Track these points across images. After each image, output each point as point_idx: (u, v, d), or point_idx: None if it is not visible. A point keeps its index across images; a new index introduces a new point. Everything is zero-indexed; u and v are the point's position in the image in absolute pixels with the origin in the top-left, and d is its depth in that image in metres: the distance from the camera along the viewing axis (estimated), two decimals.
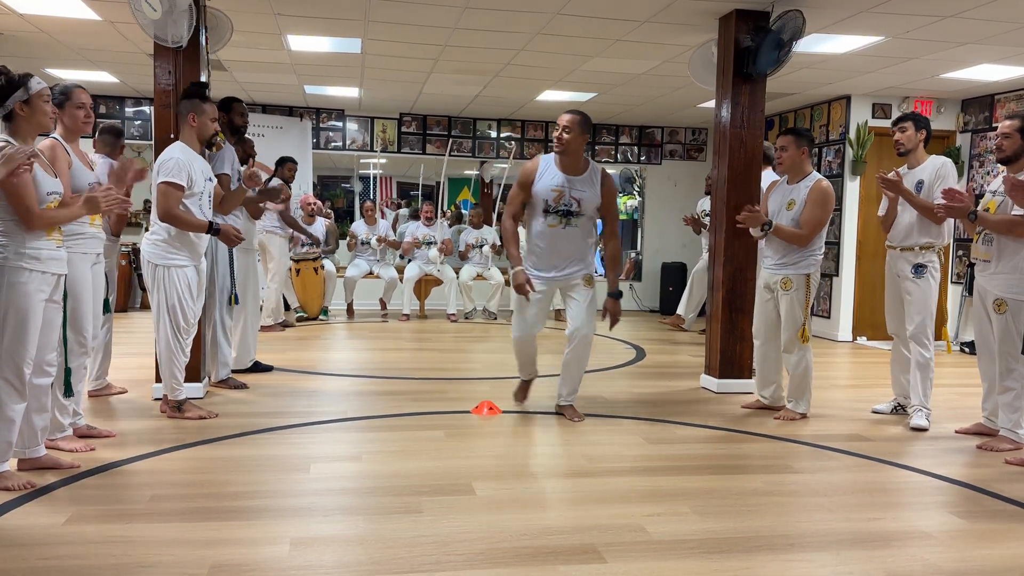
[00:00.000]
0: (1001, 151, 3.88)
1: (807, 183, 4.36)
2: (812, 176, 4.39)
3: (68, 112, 3.46)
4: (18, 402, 2.93)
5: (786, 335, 4.42)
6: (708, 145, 10.34)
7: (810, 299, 4.38)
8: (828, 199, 4.30)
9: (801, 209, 4.33)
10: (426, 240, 8.87)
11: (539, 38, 5.96)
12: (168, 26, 4.36)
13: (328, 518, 2.82)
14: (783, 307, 4.42)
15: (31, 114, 2.94)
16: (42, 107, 2.98)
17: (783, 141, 4.41)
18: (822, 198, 4.28)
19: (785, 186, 4.48)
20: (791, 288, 4.37)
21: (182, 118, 4.08)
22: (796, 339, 4.38)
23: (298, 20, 5.70)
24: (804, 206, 4.31)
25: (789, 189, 4.44)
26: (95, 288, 3.55)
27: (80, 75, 7.80)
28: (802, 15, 4.79)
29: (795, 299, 4.37)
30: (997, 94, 7.42)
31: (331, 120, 9.58)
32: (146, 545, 2.53)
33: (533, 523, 2.80)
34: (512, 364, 4.78)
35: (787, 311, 4.40)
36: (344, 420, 4.24)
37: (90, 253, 3.51)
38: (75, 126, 3.48)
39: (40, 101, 2.97)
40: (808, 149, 4.40)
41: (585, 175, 4.22)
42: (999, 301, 3.86)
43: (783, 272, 4.41)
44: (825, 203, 4.29)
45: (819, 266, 4.42)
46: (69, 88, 3.50)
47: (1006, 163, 3.89)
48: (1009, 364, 3.87)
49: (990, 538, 2.80)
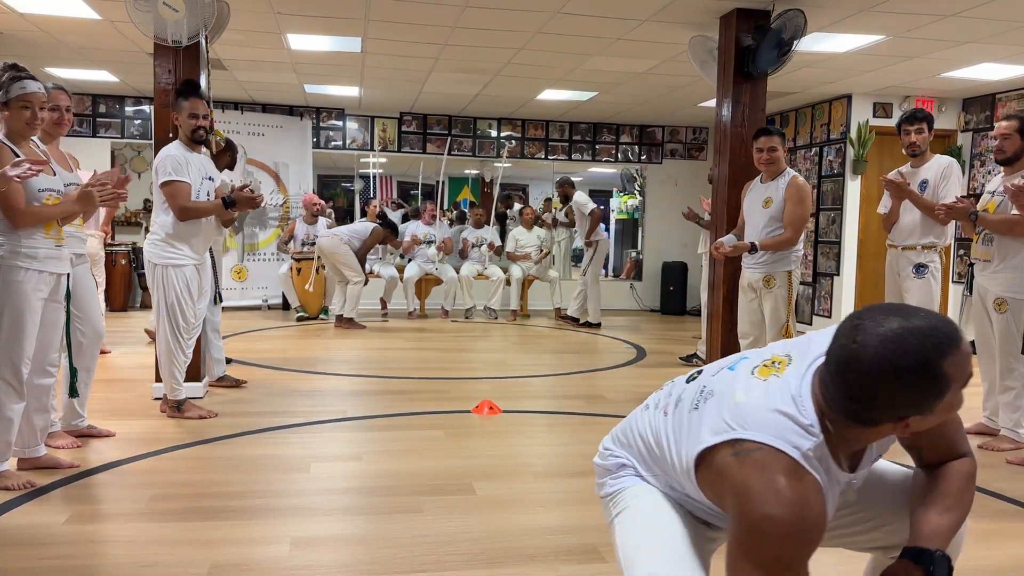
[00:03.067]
0: (1002, 152, 3.88)
1: (783, 181, 4.33)
2: (787, 173, 4.36)
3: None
4: (17, 402, 2.92)
5: (771, 334, 4.41)
6: (709, 144, 10.33)
7: (793, 296, 4.36)
8: (806, 195, 4.32)
9: (779, 207, 4.30)
10: (426, 239, 8.88)
11: (539, 37, 5.96)
12: (186, 25, 4.34)
13: (328, 518, 2.82)
14: (767, 306, 4.39)
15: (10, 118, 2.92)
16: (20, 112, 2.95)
17: (772, 142, 4.37)
18: (799, 195, 4.29)
19: (759, 184, 4.47)
20: (774, 286, 4.35)
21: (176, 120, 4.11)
22: (781, 337, 4.37)
23: (298, 19, 5.70)
24: (784, 204, 4.29)
25: (764, 187, 4.42)
26: (86, 287, 3.54)
27: (80, 74, 7.80)
28: (803, 14, 4.78)
29: (778, 296, 4.34)
30: (998, 93, 7.41)
31: (331, 119, 9.58)
32: (146, 545, 2.53)
33: (533, 523, 2.80)
34: (512, 364, 4.77)
35: (771, 309, 4.38)
36: (344, 420, 4.23)
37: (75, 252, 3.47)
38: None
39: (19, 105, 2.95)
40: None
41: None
42: (999, 300, 3.86)
43: (765, 270, 4.39)
44: (803, 199, 4.30)
45: (800, 262, 4.41)
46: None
47: (1006, 164, 3.90)
48: (1009, 363, 3.87)
49: (990, 538, 2.79)
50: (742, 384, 1.43)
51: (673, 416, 1.54)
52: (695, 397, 1.50)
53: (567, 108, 9.19)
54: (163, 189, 3.91)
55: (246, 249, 8.83)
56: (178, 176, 3.90)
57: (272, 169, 8.98)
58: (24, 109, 2.91)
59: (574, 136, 10.17)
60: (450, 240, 8.87)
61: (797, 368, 1.41)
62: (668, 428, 1.54)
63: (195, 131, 4.03)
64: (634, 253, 11.18)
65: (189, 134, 4.05)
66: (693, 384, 1.56)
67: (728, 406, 1.40)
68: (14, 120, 2.92)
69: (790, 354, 1.45)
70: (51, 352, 3.10)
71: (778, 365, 1.44)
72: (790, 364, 1.43)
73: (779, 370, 1.42)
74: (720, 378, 1.49)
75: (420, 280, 8.86)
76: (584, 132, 10.18)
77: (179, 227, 3.97)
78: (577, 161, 10.35)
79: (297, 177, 9.13)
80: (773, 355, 1.48)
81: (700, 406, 1.47)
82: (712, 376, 1.52)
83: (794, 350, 1.46)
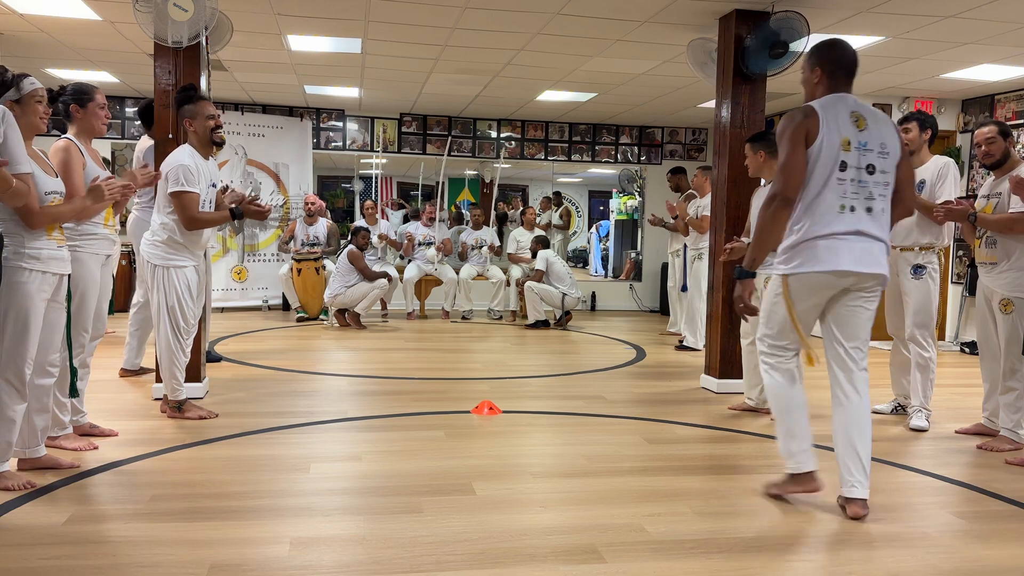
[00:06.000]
0: (990, 156, 3.96)
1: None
2: None
3: (91, 111, 3.50)
4: (19, 403, 2.93)
5: None
6: (708, 145, 10.34)
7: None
8: None
9: None
10: (426, 240, 8.88)
11: (539, 38, 5.96)
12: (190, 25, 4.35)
13: (328, 518, 2.82)
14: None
15: (21, 115, 2.93)
16: (34, 107, 2.98)
17: (746, 150, 4.42)
18: None
19: (764, 187, 4.49)
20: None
21: (184, 127, 4.05)
22: None
23: (298, 20, 5.70)
24: None
25: (767, 190, 4.43)
26: (103, 288, 3.57)
27: (80, 75, 7.80)
28: (801, 16, 4.79)
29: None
30: (997, 94, 7.42)
31: (331, 120, 9.59)
32: (146, 545, 2.53)
33: (533, 523, 2.80)
34: (512, 364, 4.78)
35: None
36: (344, 420, 4.24)
37: (101, 254, 3.55)
38: (96, 127, 3.53)
39: (33, 101, 2.97)
40: (764, 151, 4.34)
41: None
42: (1005, 301, 3.87)
43: (765, 271, 4.39)
44: None
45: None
46: (91, 88, 3.54)
47: (996, 167, 3.99)
48: (1014, 364, 3.87)
49: (990, 538, 2.80)
50: None
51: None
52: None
53: (567, 109, 9.20)
54: (173, 198, 3.91)
55: (246, 250, 8.84)
56: (190, 187, 3.90)
57: (272, 170, 9.00)
58: (38, 104, 2.99)
59: (574, 137, 10.18)
60: (449, 241, 8.87)
61: None
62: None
63: (214, 131, 4.05)
64: (634, 254, 11.18)
65: (208, 136, 4.04)
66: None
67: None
68: (31, 115, 2.97)
69: None
70: (52, 352, 3.11)
71: None
72: None
73: None
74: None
75: (420, 281, 8.86)
76: (584, 133, 10.18)
77: (182, 230, 3.98)
78: (576, 162, 10.36)
79: (297, 178, 9.14)
80: None
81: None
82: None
83: None
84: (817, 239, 2.88)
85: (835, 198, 2.87)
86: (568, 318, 8.40)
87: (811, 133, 2.86)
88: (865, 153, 2.89)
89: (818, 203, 2.88)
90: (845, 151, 2.87)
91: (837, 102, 2.92)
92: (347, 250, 7.80)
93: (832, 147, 2.86)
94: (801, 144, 2.88)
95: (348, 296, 7.74)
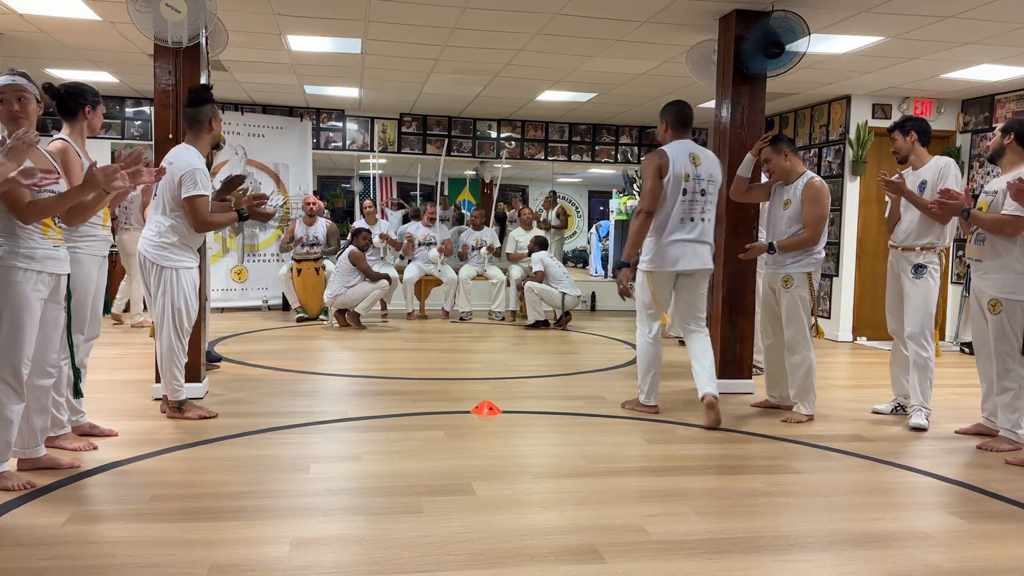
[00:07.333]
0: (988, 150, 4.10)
1: (801, 182, 4.46)
2: (805, 175, 4.49)
3: (97, 112, 3.56)
4: (16, 403, 2.92)
5: (788, 333, 4.45)
6: (708, 145, 10.34)
7: (814, 296, 4.42)
8: (822, 195, 4.40)
9: (797, 208, 4.43)
10: (426, 241, 8.88)
11: (539, 38, 5.96)
12: (186, 26, 4.35)
13: (328, 518, 2.82)
14: (784, 305, 4.45)
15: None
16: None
17: (764, 154, 4.56)
18: (816, 194, 4.39)
19: (782, 187, 4.58)
20: (792, 285, 4.41)
21: (199, 124, 4.00)
22: (799, 338, 4.40)
23: (298, 20, 5.70)
24: (801, 205, 4.40)
25: (786, 189, 4.55)
26: (98, 289, 3.57)
27: (80, 75, 7.79)
28: (800, 17, 4.79)
29: (796, 296, 4.40)
30: (997, 94, 7.41)
31: (331, 120, 9.59)
32: (146, 545, 2.53)
33: (533, 523, 2.80)
34: (512, 364, 4.78)
35: (789, 308, 4.42)
36: (344, 420, 4.24)
37: (98, 255, 3.55)
38: (97, 126, 3.59)
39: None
40: (788, 151, 4.49)
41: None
42: (993, 301, 3.88)
43: (784, 271, 4.44)
44: (819, 199, 4.38)
45: (820, 266, 4.45)
46: (94, 91, 3.58)
47: (992, 160, 4.08)
48: (1006, 364, 3.88)
49: (990, 538, 2.80)
50: None
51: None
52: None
53: (567, 109, 9.20)
54: (187, 201, 3.89)
55: (246, 250, 8.84)
56: (205, 191, 3.91)
57: (272, 170, 9.00)
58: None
59: (573, 137, 10.18)
60: (450, 242, 8.87)
61: None
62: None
63: (219, 136, 4.10)
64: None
65: (216, 139, 4.07)
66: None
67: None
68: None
69: None
70: (51, 353, 3.11)
71: None
72: None
73: None
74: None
75: (420, 281, 8.86)
76: (583, 133, 10.18)
77: (191, 231, 3.98)
78: (576, 162, 10.36)
79: (297, 178, 9.14)
80: None
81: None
82: None
83: None
84: (666, 245, 4.25)
85: (679, 213, 4.22)
86: (568, 318, 8.41)
87: (663, 168, 4.21)
88: (699, 182, 4.26)
89: (668, 217, 4.22)
90: (686, 181, 4.22)
91: (681, 147, 4.28)
92: (348, 251, 7.80)
93: (677, 178, 4.20)
94: (658, 176, 4.20)
95: (348, 296, 7.75)
